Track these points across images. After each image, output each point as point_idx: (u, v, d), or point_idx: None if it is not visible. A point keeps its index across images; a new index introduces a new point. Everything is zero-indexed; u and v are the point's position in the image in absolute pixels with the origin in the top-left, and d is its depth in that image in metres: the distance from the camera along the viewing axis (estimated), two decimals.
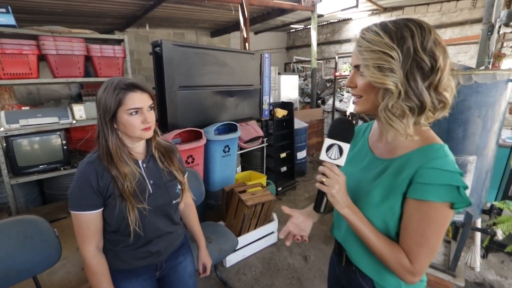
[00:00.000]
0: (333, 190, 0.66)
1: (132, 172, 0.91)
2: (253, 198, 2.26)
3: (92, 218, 0.89)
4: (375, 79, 0.60)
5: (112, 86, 0.87)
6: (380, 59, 0.59)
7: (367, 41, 0.60)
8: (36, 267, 1.37)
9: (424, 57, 0.57)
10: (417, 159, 0.63)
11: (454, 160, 0.62)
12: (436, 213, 0.60)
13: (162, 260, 1.06)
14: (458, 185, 0.58)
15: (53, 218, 2.08)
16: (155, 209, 0.96)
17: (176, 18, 5.15)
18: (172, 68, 2.29)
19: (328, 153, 0.69)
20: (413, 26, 0.58)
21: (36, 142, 2.02)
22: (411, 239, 0.63)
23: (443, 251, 2.16)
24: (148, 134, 0.93)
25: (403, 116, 0.60)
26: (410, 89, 0.58)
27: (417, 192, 0.61)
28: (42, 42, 1.86)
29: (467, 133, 1.64)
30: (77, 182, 0.88)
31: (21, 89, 4.30)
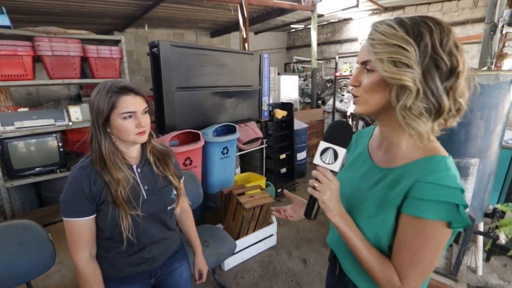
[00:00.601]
0: (325, 196, 0.62)
1: (126, 177, 0.89)
2: (251, 201, 2.23)
3: (85, 224, 0.86)
4: (390, 74, 0.54)
5: (105, 89, 0.84)
6: (396, 53, 0.53)
7: (381, 33, 0.55)
8: (30, 272, 1.34)
9: (444, 55, 0.52)
10: (416, 171, 0.58)
11: (456, 174, 0.57)
12: (432, 232, 0.55)
13: (157, 266, 1.03)
14: (457, 203, 0.53)
15: (50, 221, 2.06)
16: (149, 215, 0.94)
17: (175, 18, 5.12)
18: (170, 69, 2.27)
19: (322, 157, 0.65)
20: (432, 23, 0.54)
21: (31, 145, 1.99)
22: (403, 257, 0.58)
23: (444, 255, 2.13)
24: (142, 139, 0.91)
25: (420, 117, 0.54)
26: (428, 89, 0.53)
27: (412, 208, 0.56)
28: (37, 43, 1.83)
29: (469, 135, 1.61)
30: (69, 188, 0.85)
31: (20, 90, 4.29)
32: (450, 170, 0.56)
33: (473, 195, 1.69)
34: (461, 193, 0.54)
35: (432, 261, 0.57)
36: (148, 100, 0.93)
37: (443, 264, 2.03)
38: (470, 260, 2.05)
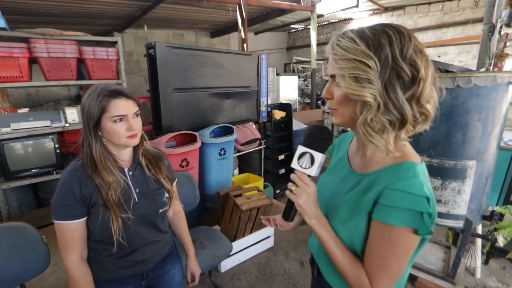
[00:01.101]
0: (300, 200, 0.64)
1: (117, 180, 0.89)
2: (248, 202, 2.23)
3: (76, 227, 0.86)
4: (351, 91, 0.55)
5: (96, 92, 0.84)
6: (357, 68, 0.54)
7: (342, 48, 0.56)
8: (24, 275, 1.34)
9: (404, 65, 0.52)
10: (385, 178, 0.59)
11: (424, 181, 0.56)
12: (399, 238, 0.56)
13: (148, 269, 1.03)
14: (422, 211, 0.54)
15: (47, 223, 2.06)
16: (140, 218, 0.93)
17: (175, 19, 5.12)
18: (167, 70, 2.26)
19: (299, 161, 0.67)
20: (391, 32, 0.54)
21: (28, 146, 1.99)
22: (373, 261, 0.60)
23: (442, 257, 2.11)
24: (133, 142, 0.91)
25: (383, 130, 0.55)
26: (389, 101, 0.53)
27: (380, 214, 0.57)
28: (33, 45, 1.83)
29: (467, 137, 1.60)
30: (60, 191, 0.85)
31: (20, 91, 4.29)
32: (417, 178, 0.56)
33: (470, 198, 1.68)
34: (426, 201, 0.54)
35: (400, 266, 0.58)
36: (140, 103, 0.93)
37: (440, 266, 2.02)
38: (470, 261, 2.03)
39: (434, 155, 1.70)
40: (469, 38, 5.39)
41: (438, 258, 2.11)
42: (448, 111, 1.61)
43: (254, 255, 2.37)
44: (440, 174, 1.70)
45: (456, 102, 1.57)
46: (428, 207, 0.53)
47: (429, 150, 1.71)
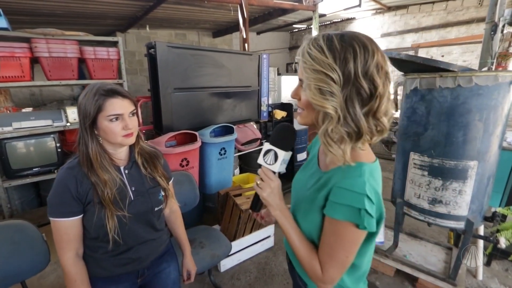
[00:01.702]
0: (264, 193, 0.72)
1: (113, 179, 0.90)
2: (248, 202, 2.23)
3: (71, 225, 0.87)
4: (315, 101, 0.59)
5: (92, 91, 0.85)
6: (322, 81, 0.57)
7: (311, 57, 0.58)
8: (24, 272, 1.36)
9: (364, 83, 0.56)
10: (336, 176, 0.64)
11: (368, 181, 0.60)
12: (344, 231, 0.62)
13: (144, 266, 1.04)
14: (359, 208, 0.58)
15: (47, 221, 2.06)
16: (136, 216, 0.94)
17: (176, 19, 5.13)
18: (167, 69, 2.27)
19: (265, 157, 0.73)
20: (358, 47, 0.56)
21: (29, 145, 2.01)
22: (324, 250, 0.66)
23: (443, 258, 2.09)
24: (129, 141, 0.91)
25: (342, 141, 0.59)
26: (348, 114, 0.58)
27: (328, 209, 0.63)
28: (35, 45, 1.85)
29: (468, 137, 1.58)
30: (56, 189, 0.86)
31: (24, 91, 4.33)
32: (362, 177, 0.60)
33: (471, 198, 1.66)
34: (365, 198, 0.58)
35: (347, 256, 0.64)
36: (136, 102, 0.94)
37: (441, 268, 2.00)
38: (471, 261, 2.01)
39: (434, 155, 1.68)
40: (473, 37, 5.33)
41: (439, 259, 2.09)
42: (448, 111, 1.59)
43: (254, 255, 2.37)
44: (441, 175, 1.68)
45: (457, 102, 1.55)
46: (365, 204, 0.58)
47: (430, 150, 1.70)
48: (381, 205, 0.62)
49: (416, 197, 1.82)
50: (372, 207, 0.59)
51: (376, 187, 0.62)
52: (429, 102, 1.66)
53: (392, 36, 6.37)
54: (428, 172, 1.73)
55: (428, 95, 1.66)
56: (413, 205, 1.85)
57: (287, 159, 0.73)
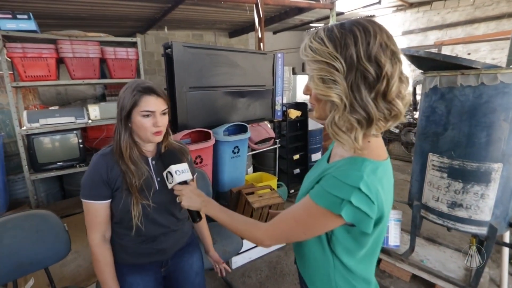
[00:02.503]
0: (184, 202, 0.84)
1: (141, 169, 0.95)
2: (260, 200, 2.23)
3: (100, 208, 0.93)
4: (319, 91, 0.58)
5: (132, 87, 0.92)
6: (323, 70, 0.56)
7: (312, 50, 0.58)
8: (47, 259, 1.43)
9: (368, 66, 0.54)
10: (336, 167, 0.63)
11: (368, 178, 0.57)
12: (317, 214, 0.61)
13: (167, 257, 1.08)
14: (342, 198, 0.57)
15: (69, 213, 2.19)
16: (159, 206, 0.99)
17: (194, 20, 5.23)
18: (183, 69, 2.32)
19: (168, 181, 0.90)
20: (358, 31, 0.54)
21: (54, 140, 2.14)
22: (285, 214, 0.68)
23: (464, 265, 1.99)
24: (157, 139, 0.96)
25: (351, 129, 0.57)
26: (355, 100, 0.56)
27: (313, 192, 0.63)
28: (60, 46, 1.96)
29: (492, 138, 1.49)
30: (89, 172, 0.93)
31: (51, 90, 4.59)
32: (360, 171, 0.58)
33: (495, 203, 1.57)
34: (352, 190, 0.56)
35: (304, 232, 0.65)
36: (169, 102, 0.98)
37: (462, 275, 1.90)
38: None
39: (455, 156, 1.60)
40: (503, 33, 5.01)
41: (459, 266, 1.99)
42: (470, 111, 1.51)
43: (265, 253, 2.38)
44: (462, 177, 1.60)
45: (480, 100, 1.47)
46: (351, 196, 0.55)
47: (450, 152, 1.62)
48: (382, 206, 0.58)
49: (435, 200, 1.74)
50: (367, 204, 0.56)
51: (377, 185, 0.58)
52: (449, 101, 1.59)
53: (414, 34, 6.13)
54: (447, 174, 1.65)
55: (449, 93, 1.59)
56: (431, 208, 1.78)
57: (182, 168, 0.89)
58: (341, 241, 0.66)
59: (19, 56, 1.84)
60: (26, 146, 2.04)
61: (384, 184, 0.61)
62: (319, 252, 0.71)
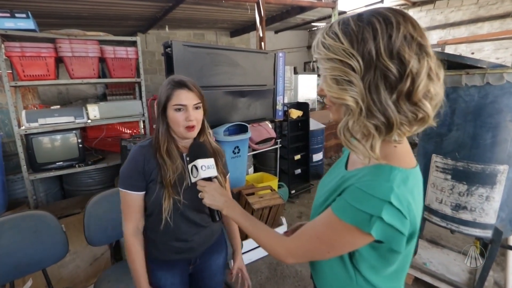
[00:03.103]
0: (207, 200, 0.80)
1: (176, 164, 0.95)
2: (260, 201, 2.21)
3: (135, 198, 0.95)
4: (332, 94, 0.52)
5: (167, 81, 0.94)
6: (337, 69, 0.50)
7: (325, 47, 0.52)
8: (45, 260, 1.42)
9: (389, 63, 0.46)
10: (358, 176, 0.56)
11: (398, 189, 0.50)
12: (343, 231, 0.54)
13: (196, 255, 1.08)
14: (371, 214, 0.49)
15: (69, 213, 2.18)
16: (190, 202, 0.98)
17: (195, 19, 5.21)
18: (183, 68, 2.29)
19: (192, 174, 0.87)
20: (377, 23, 0.47)
21: (53, 140, 2.12)
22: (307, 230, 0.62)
23: (468, 269, 1.96)
24: (191, 134, 0.95)
25: (368, 136, 0.51)
26: (372, 104, 0.49)
27: (336, 205, 0.56)
28: (59, 45, 1.94)
29: (497, 139, 1.46)
30: (127, 163, 0.95)
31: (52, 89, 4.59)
32: (390, 182, 0.51)
33: (500, 205, 1.53)
34: (383, 205, 0.48)
35: (328, 251, 0.58)
36: (202, 96, 0.97)
37: (465, 279, 1.87)
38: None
39: (459, 158, 1.57)
40: (508, 32, 4.95)
41: (463, 269, 1.96)
42: (475, 111, 1.48)
43: (266, 254, 2.35)
44: (466, 179, 1.57)
45: (485, 101, 1.44)
46: (382, 211, 0.48)
47: (454, 153, 1.59)
48: (415, 221, 0.52)
49: (438, 202, 1.71)
50: (399, 219, 0.49)
51: (409, 197, 0.51)
52: (453, 101, 1.56)
53: None
54: (451, 175, 1.62)
55: (453, 93, 1.56)
56: (434, 211, 1.74)
57: (208, 163, 0.86)
58: (366, 257, 0.59)
59: (17, 55, 1.83)
60: (25, 146, 2.03)
61: (415, 196, 0.54)
62: (339, 268, 0.64)
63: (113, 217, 1.56)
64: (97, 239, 1.54)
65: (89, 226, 1.51)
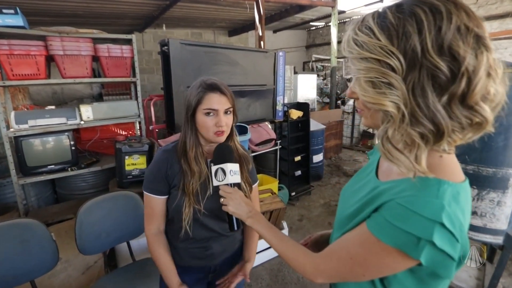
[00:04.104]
0: (230, 207, 0.75)
1: (201, 172, 0.92)
2: (261, 206, 2.13)
3: (157, 202, 0.94)
4: (367, 99, 0.45)
5: (197, 84, 0.89)
6: (373, 70, 0.43)
7: (357, 45, 0.45)
8: (33, 271, 1.35)
9: (439, 61, 0.39)
10: (398, 190, 0.48)
11: (450, 207, 0.43)
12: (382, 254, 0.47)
13: (216, 263, 1.03)
14: (420, 237, 0.42)
15: (61, 218, 2.09)
16: (210, 212, 0.94)
17: (193, 18, 5.13)
18: (180, 67, 2.22)
19: (216, 177, 0.81)
20: (422, 13, 0.40)
21: (44, 143, 2.03)
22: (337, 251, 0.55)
23: (476, 275, 1.90)
24: (220, 139, 0.91)
25: (412, 146, 0.43)
26: (418, 109, 0.41)
27: (373, 223, 0.48)
28: (50, 43, 1.85)
29: (509, 142, 1.40)
30: (152, 166, 0.94)
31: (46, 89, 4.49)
32: (440, 199, 0.43)
33: None
34: (435, 227, 0.41)
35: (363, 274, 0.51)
36: (234, 100, 0.93)
37: (473, 285, 1.81)
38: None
39: (469, 161, 1.50)
40: (507, 32, 4.93)
41: (470, 275, 1.90)
42: None
43: (266, 260, 2.28)
44: (476, 183, 1.50)
45: None
46: (433, 235, 0.41)
47: (463, 156, 1.52)
48: (466, 244, 0.45)
49: None
50: (451, 243, 0.42)
51: (461, 217, 0.44)
52: None
53: None
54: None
55: None
56: None
57: (235, 169, 0.82)
58: (401, 280, 0.51)
59: (5, 54, 1.74)
60: (14, 149, 1.93)
61: (466, 215, 0.47)
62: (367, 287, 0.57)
63: (106, 224, 1.49)
64: (90, 248, 1.46)
65: (81, 234, 1.43)
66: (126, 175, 2.06)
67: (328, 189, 3.76)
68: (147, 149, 2.09)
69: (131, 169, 2.06)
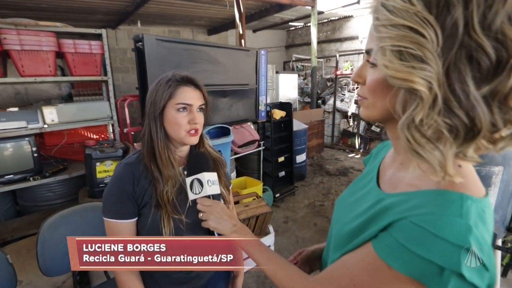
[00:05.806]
0: (211, 222, 0.66)
1: (175, 176, 0.81)
2: (246, 211, 2.04)
3: (124, 228, 0.80)
4: (392, 72, 0.35)
5: (167, 78, 0.80)
6: (404, 38, 0.34)
7: (388, 10, 0.36)
8: None
9: (484, 41, 0.31)
10: (412, 206, 0.40)
11: (476, 227, 0.36)
12: (391, 281, 0.39)
13: (202, 284, 0.92)
14: (443, 266, 0.35)
15: (21, 235, 1.86)
16: (193, 225, 0.81)
17: (170, 15, 4.93)
18: (156, 65, 2.07)
19: (192, 190, 0.71)
20: None
21: (1, 149, 1.80)
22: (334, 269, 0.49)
23: None
24: (192, 140, 0.81)
25: (438, 141, 0.35)
26: (451, 95, 0.33)
27: (381, 245, 0.41)
28: (4, 36, 1.63)
29: None
30: (112, 185, 0.80)
31: (8, 89, 4.08)
32: (465, 218, 0.36)
33: (495, 208, 1.49)
34: (461, 254, 0.34)
35: None
36: (208, 98, 0.84)
37: None
38: None
39: None
40: None
41: None
42: None
43: (252, 267, 2.18)
44: None
45: None
46: (460, 264, 0.34)
47: None
48: (494, 271, 0.38)
49: None
50: (480, 273, 0.35)
51: (488, 240, 0.37)
52: None
53: None
54: None
55: None
56: None
57: (214, 178, 0.73)
58: None
59: None
60: None
61: (491, 235, 0.40)
62: None
63: None
64: (55, 268, 1.29)
65: (43, 253, 1.26)
66: (97, 184, 1.88)
67: (312, 189, 3.75)
68: (121, 154, 1.92)
69: (103, 177, 1.88)
